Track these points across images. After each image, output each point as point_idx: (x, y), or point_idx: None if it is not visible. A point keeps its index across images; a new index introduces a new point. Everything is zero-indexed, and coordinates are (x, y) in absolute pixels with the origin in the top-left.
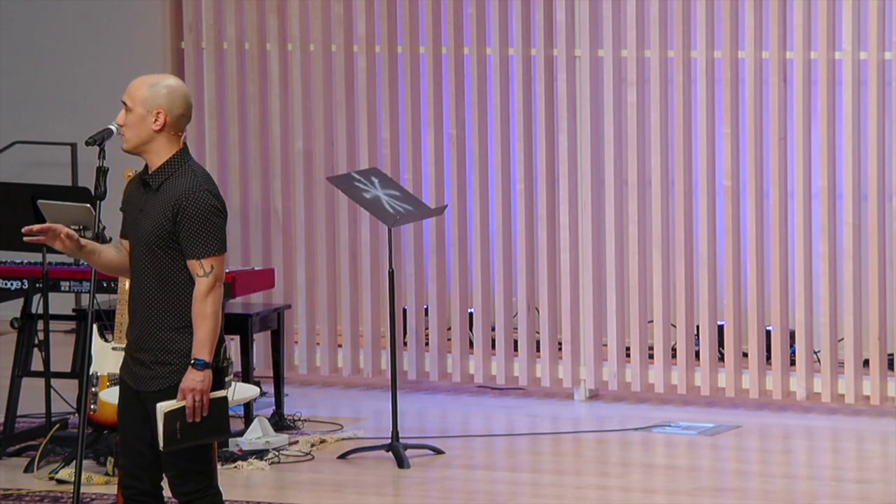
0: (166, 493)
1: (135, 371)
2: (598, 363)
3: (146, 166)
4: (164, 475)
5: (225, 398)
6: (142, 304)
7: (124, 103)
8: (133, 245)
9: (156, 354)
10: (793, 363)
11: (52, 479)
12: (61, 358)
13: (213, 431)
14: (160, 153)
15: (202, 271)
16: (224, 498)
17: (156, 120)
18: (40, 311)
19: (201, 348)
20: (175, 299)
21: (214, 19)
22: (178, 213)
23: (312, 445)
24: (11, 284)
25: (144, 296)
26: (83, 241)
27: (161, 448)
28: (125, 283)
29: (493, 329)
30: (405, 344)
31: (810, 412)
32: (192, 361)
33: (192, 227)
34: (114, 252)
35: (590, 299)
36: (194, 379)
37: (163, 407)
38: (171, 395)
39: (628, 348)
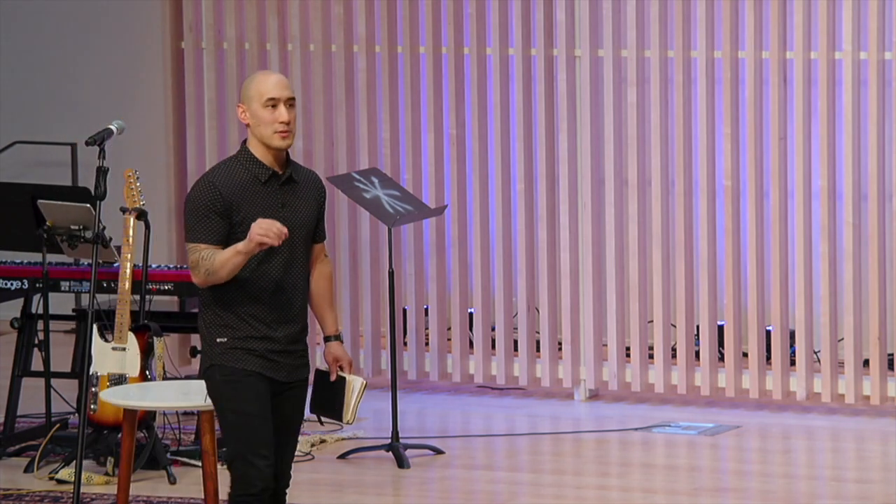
0: None
1: (288, 363)
2: (598, 363)
3: (259, 162)
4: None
5: None
6: (298, 296)
7: (291, 99)
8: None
9: (304, 343)
10: (793, 363)
11: (52, 479)
12: (61, 358)
13: None
14: None
15: (326, 251)
16: (224, 498)
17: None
18: (40, 311)
19: (338, 322)
20: (308, 288)
21: (214, 19)
22: (324, 200)
23: (312, 445)
24: (11, 284)
25: (301, 288)
26: None
27: (350, 421)
28: (125, 284)
29: (493, 329)
30: (405, 344)
31: (810, 412)
32: (339, 334)
33: (323, 212)
34: None
35: (590, 299)
36: (346, 351)
37: (359, 380)
38: (309, 377)
39: (628, 348)
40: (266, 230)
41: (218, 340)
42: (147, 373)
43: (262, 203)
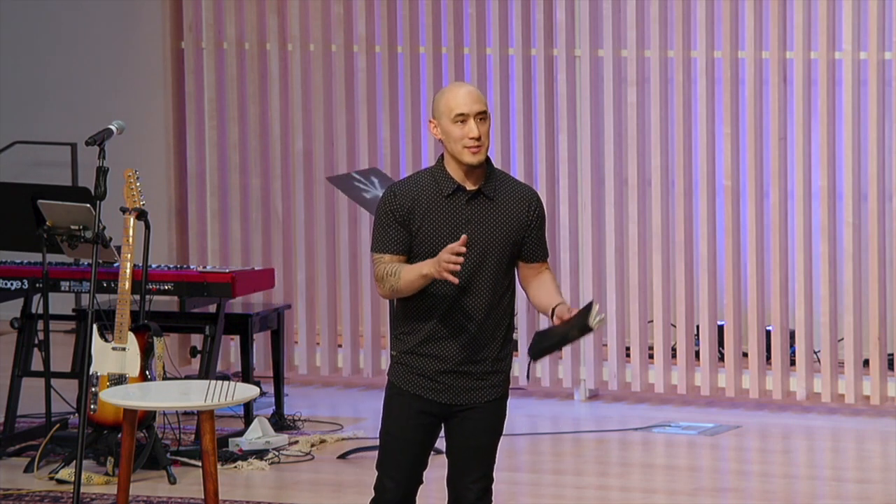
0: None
1: (457, 385)
2: (598, 363)
3: (447, 175)
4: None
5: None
6: (474, 316)
7: (482, 112)
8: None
9: (488, 365)
10: (793, 363)
11: (52, 479)
12: (61, 358)
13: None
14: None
15: (549, 268)
16: (224, 498)
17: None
18: (40, 311)
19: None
20: (506, 309)
21: (214, 19)
22: (535, 218)
23: (312, 445)
24: (11, 284)
25: (484, 308)
26: None
27: (594, 327)
28: (125, 284)
29: None
30: None
31: (810, 412)
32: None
33: (542, 229)
34: None
35: (589, 299)
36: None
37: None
38: (505, 404)
39: (628, 348)
40: (451, 261)
41: (392, 353)
42: (147, 373)
43: (443, 217)
